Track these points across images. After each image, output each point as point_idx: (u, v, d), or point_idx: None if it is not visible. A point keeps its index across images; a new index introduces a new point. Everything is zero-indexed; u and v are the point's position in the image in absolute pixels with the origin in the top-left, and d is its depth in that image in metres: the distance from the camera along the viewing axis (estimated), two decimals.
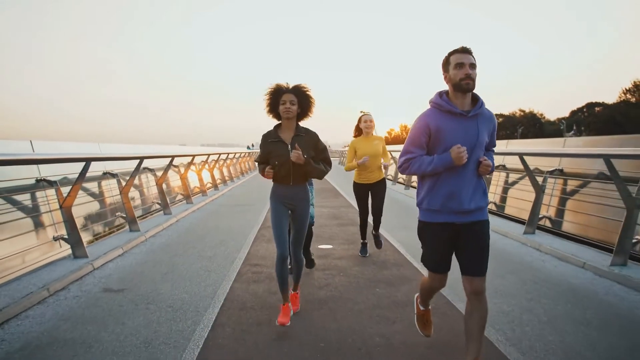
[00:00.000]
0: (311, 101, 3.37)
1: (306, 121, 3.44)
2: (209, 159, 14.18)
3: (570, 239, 5.99)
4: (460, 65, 2.43)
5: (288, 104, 3.26)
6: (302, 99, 3.32)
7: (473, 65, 2.44)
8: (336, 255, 5.53)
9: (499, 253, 5.52)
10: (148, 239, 6.79)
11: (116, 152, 8.21)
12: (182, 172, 11.20)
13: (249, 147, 41.43)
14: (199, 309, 3.78)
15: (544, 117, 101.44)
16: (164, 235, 7.09)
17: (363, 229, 5.48)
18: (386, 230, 6.72)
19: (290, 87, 3.32)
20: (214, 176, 14.74)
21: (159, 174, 9.45)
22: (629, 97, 70.43)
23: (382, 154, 5.30)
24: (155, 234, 7.17)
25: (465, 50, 2.46)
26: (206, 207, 10.57)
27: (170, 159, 9.55)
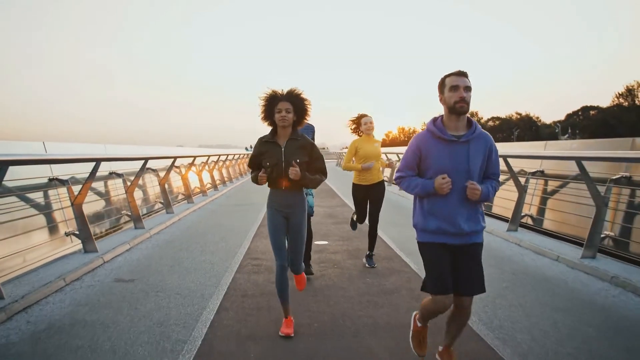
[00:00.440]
0: (307, 106, 3.32)
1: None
2: (209, 160, 14.55)
3: (548, 235, 6.40)
4: (455, 88, 2.45)
5: (284, 112, 3.19)
6: (298, 105, 3.26)
7: (468, 88, 2.46)
8: (331, 250, 5.91)
9: (483, 248, 5.90)
10: (152, 235, 7.16)
11: (122, 153, 8.56)
12: (184, 173, 11.58)
13: (247, 149, 41.73)
14: (205, 296, 4.16)
15: (540, 120, 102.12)
16: (168, 233, 7.46)
17: (356, 223, 5.50)
18: (379, 227, 7.09)
19: (285, 94, 3.24)
20: (214, 177, 15.12)
21: (162, 175, 9.82)
22: (622, 101, 71.23)
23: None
24: (159, 231, 7.54)
25: (461, 74, 2.48)
26: (206, 207, 10.94)
27: (172, 159, 9.92)
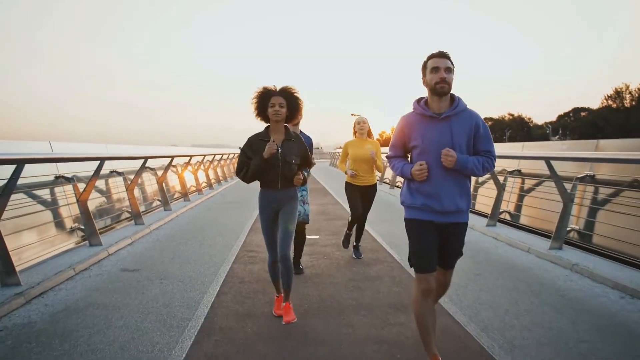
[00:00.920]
0: (299, 103, 3.35)
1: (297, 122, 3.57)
2: (204, 159, 14.93)
3: (523, 229, 6.88)
4: (436, 69, 2.49)
5: (277, 107, 3.24)
6: (291, 101, 3.30)
7: (449, 69, 2.50)
8: (321, 244, 6.34)
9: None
10: (152, 231, 7.54)
11: (122, 152, 8.92)
12: (180, 172, 11.96)
13: (240, 148, 41.82)
14: (205, 282, 4.57)
15: (532, 122, 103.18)
16: (167, 228, 7.84)
17: (352, 224, 5.50)
18: (367, 223, 7.48)
19: (278, 90, 3.29)
20: (209, 176, 15.49)
21: (159, 173, 10.19)
22: (611, 103, 72.40)
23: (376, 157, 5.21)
24: (159, 227, 7.91)
25: (442, 55, 2.52)
26: (203, 204, 11.32)
27: (170, 159, 10.31)
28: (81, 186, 6.23)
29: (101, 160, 6.34)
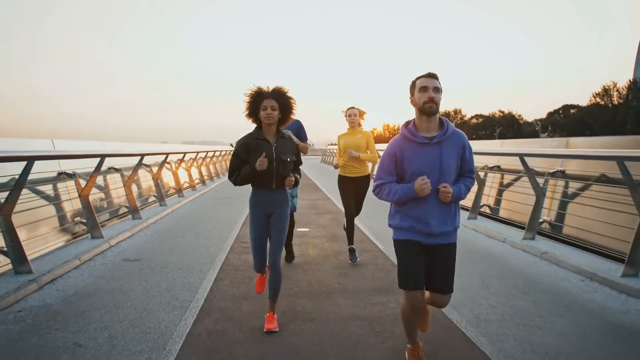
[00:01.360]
0: (292, 104, 3.34)
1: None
2: (197, 156, 15.24)
3: (501, 221, 7.32)
4: (425, 89, 2.52)
5: (269, 110, 3.19)
6: (283, 103, 3.27)
7: (437, 89, 2.52)
8: (311, 236, 6.72)
9: None
10: (150, 225, 7.87)
11: (120, 150, 9.23)
12: (174, 169, 12.27)
13: (232, 145, 42.02)
14: (203, 270, 4.93)
15: (522, 119, 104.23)
16: (163, 222, 8.18)
17: (350, 232, 5.28)
18: (357, 219, 7.92)
19: (271, 91, 3.26)
20: (202, 173, 15.81)
21: (155, 170, 10.50)
22: (599, 100, 73.57)
23: (368, 148, 5.17)
24: (155, 221, 8.24)
25: (430, 75, 2.56)
26: (196, 200, 11.66)
27: (165, 156, 10.62)
28: (82, 182, 6.56)
29: (102, 157, 6.67)
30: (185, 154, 13.27)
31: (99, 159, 6.64)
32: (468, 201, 8.75)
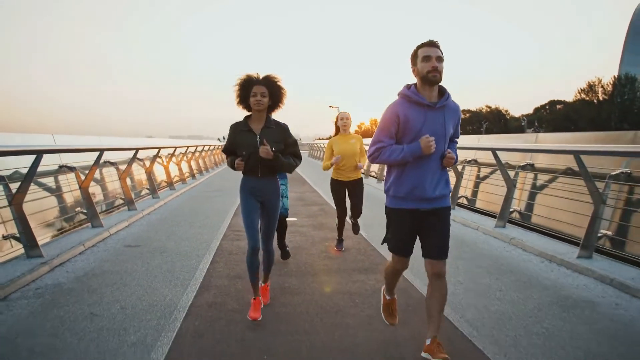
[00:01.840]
0: (282, 92, 3.29)
1: (277, 112, 3.39)
2: (187, 150, 15.58)
3: (477, 211, 7.85)
4: (428, 58, 2.49)
5: (259, 96, 3.17)
6: (273, 90, 3.24)
7: (440, 59, 2.50)
8: (299, 225, 7.18)
9: None
10: (145, 215, 8.26)
11: (115, 144, 9.56)
12: (165, 163, 12.62)
13: (219, 140, 42.23)
14: (199, 254, 5.36)
15: (509, 114, 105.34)
16: (158, 213, 8.57)
17: (340, 228, 5.50)
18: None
19: (261, 78, 3.23)
20: (192, 166, 16.15)
21: (147, 164, 10.85)
22: (584, 97, 74.91)
23: (360, 153, 5.21)
24: (150, 212, 8.63)
25: (432, 44, 2.52)
26: (187, 193, 12.04)
27: (157, 150, 10.99)
28: (81, 175, 6.92)
29: (101, 151, 7.04)
30: (176, 148, 13.62)
31: (97, 153, 7.02)
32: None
